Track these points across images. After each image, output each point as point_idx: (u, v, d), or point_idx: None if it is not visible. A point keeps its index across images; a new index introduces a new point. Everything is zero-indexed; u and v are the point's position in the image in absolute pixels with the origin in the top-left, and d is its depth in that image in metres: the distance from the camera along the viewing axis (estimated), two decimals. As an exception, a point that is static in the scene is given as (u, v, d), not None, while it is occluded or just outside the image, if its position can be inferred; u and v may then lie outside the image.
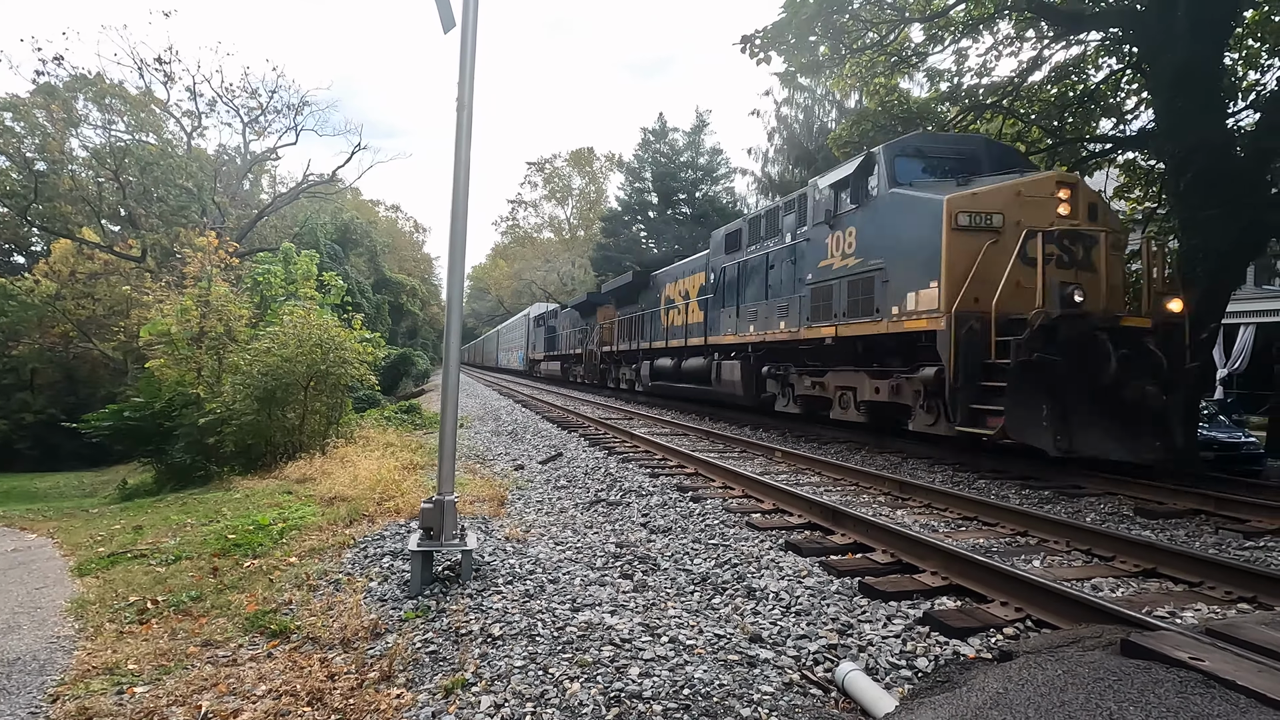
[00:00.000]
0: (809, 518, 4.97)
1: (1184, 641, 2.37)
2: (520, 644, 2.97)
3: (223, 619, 3.68)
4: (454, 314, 4.17)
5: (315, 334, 10.02)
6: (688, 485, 6.40)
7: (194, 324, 12.07)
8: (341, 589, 3.87)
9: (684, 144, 43.30)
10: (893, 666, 2.72)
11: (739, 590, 3.64)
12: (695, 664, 2.75)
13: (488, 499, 6.01)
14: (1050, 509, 5.45)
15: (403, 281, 49.30)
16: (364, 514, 5.62)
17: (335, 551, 4.65)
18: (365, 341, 11.48)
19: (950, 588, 3.52)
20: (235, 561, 4.75)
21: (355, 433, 11.14)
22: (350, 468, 7.84)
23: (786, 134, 29.55)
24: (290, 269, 15.51)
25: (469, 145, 4.10)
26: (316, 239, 32.36)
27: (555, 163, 62.49)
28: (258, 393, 9.59)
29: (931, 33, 14.11)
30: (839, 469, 6.95)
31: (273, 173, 41.68)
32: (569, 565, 4.13)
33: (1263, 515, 4.99)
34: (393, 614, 3.45)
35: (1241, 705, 1.94)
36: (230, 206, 29.85)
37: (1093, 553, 4.19)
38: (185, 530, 6.11)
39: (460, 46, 4.10)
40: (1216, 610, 3.27)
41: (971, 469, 7.24)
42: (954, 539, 4.45)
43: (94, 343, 26.19)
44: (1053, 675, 2.20)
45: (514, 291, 65.70)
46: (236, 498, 7.43)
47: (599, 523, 5.29)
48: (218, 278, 13.26)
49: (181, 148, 29.76)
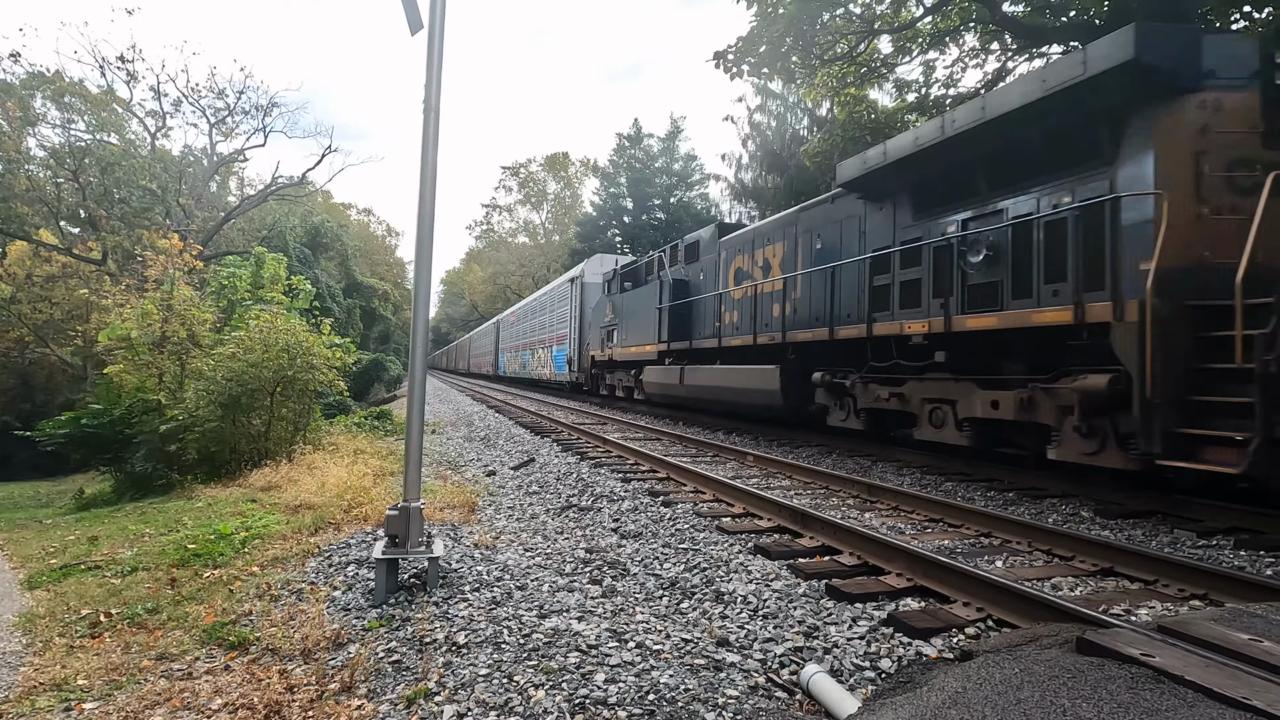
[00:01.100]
0: (778, 521, 5.00)
1: (1136, 639, 2.43)
2: (485, 652, 2.94)
3: (179, 631, 3.58)
4: (420, 318, 4.12)
5: (282, 339, 9.83)
6: (659, 490, 6.40)
7: (156, 328, 11.77)
8: (304, 599, 3.79)
9: (659, 150, 43.53)
10: (857, 668, 2.74)
11: (707, 594, 3.64)
12: (661, 669, 2.75)
13: (458, 505, 5.94)
14: (1014, 510, 5.56)
15: (375, 286, 48.65)
16: (330, 522, 5.51)
17: (299, 560, 4.56)
18: (335, 347, 11.30)
19: (915, 589, 3.56)
20: (194, 572, 4.63)
21: (323, 439, 10.93)
22: (317, 475, 7.70)
23: (760, 141, 29.83)
24: (258, 273, 15.23)
25: (436, 149, 4.07)
26: (285, 242, 31.78)
27: (530, 167, 62.35)
28: (222, 399, 9.37)
29: (900, 44, 14.42)
30: (810, 472, 7.01)
31: (240, 175, 40.99)
32: (538, 571, 4.10)
33: (1215, 516, 5.14)
34: (356, 623, 3.39)
35: (1189, 700, 1.99)
36: (196, 209, 29.19)
37: (1053, 553, 4.28)
38: (143, 540, 5.93)
39: (428, 49, 4.06)
40: (1169, 607, 3.36)
41: (939, 472, 7.35)
42: (920, 541, 4.51)
43: (51, 348, 25.40)
44: (1010, 674, 2.24)
45: (488, 296, 65.27)
46: (198, 506, 7.24)
47: (569, 528, 5.26)
48: (181, 281, 12.96)
49: (145, 148, 29.07)
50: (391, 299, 50.16)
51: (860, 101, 15.75)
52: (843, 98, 15.38)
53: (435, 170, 4.06)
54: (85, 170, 24.94)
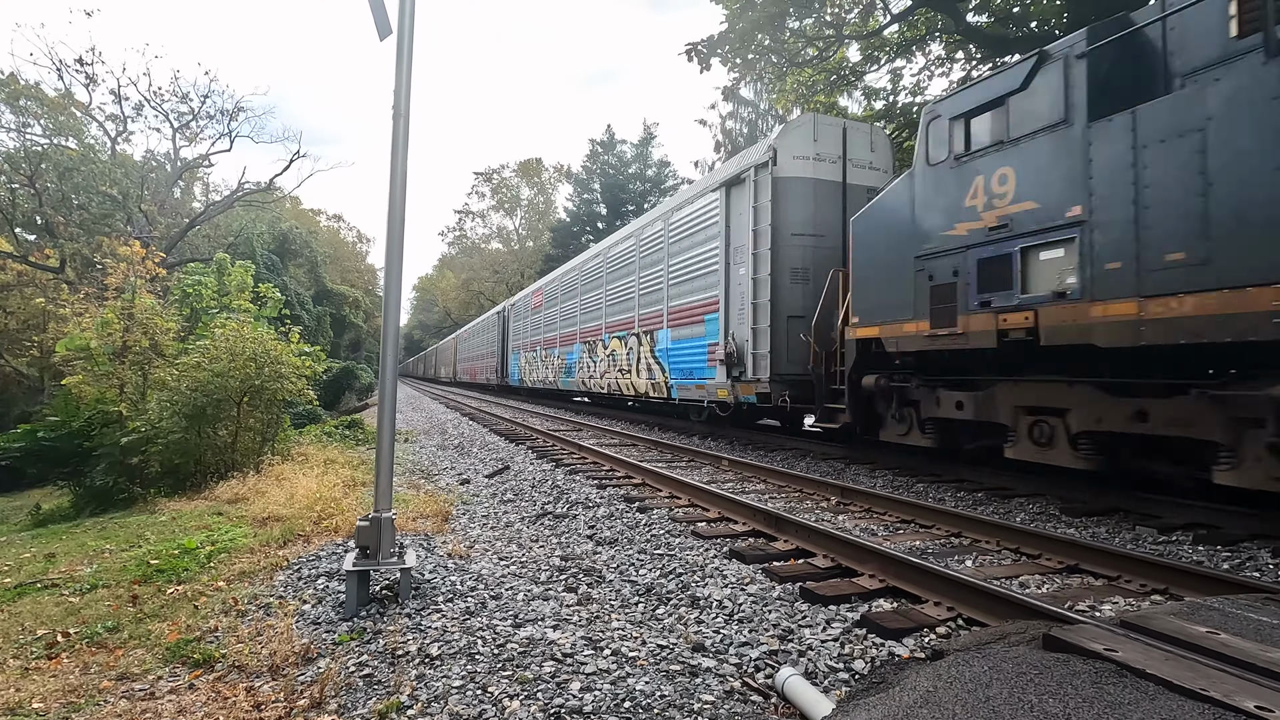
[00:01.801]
0: (753, 525, 5.02)
1: (1100, 634, 2.48)
2: (459, 663, 2.90)
3: (141, 650, 3.48)
4: (391, 325, 4.07)
5: (249, 347, 9.63)
6: (635, 496, 6.39)
7: (116, 338, 11.43)
8: (272, 613, 3.71)
9: (632, 156, 43.68)
10: (831, 670, 2.76)
11: (683, 600, 3.64)
12: (637, 676, 2.74)
13: (431, 515, 5.87)
14: (983, 510, 5.66)
15: (345, 293, 47.97)
16: (299, 534, 5.40)
17: (267, 574, 4.46)
18: (304, 355, 11.09)
19: (887, 590, 3.61)
20: (157, 588, 4.49)
21: (293, 450, 10.72)
22: (286, 486, 7.54)
23: (731, 147, 30.11)
24: (224, 280, 14.90)
25: (406, 155, 4.03)
26: (253, 249, 31.19)
27: (503, 173, 62.08)
28: (186, 410, 9.13)
29: (868, 53, 14.67)
30: (784, 476, 7.06)
31: (205, 180, 40.09)
32: (512, 580, 4.06)
33: (1175, 512, 5.29)
34: (326, 637, 3.32)
35: (1150, 692, 2.04)
36: (159, 215, 28.50)
37: (1021, 551, 4.36)
38: (103, 557, 5.75)
39: (397, 54, 4.03)
40: (1132, 603, 3.44)
41: (911, 473, 7.45)
42: (892, 542, 4.57)
43: (6, 359, 24.54)
44: (979, 671, 2.27)
45: (461, 302, 64.74)
46: (162, 521, 7.04)
47: (545, 536, 5.23)
48: (143, 289, 12.62)
49: (105, 153, 28.31)
50: (362, 306, 49.52)
51: (830, 108, 15.99)
52: (812, 104, 15.61)
53: (405, 176, 4.02)
54: (42, 175, 24.19)
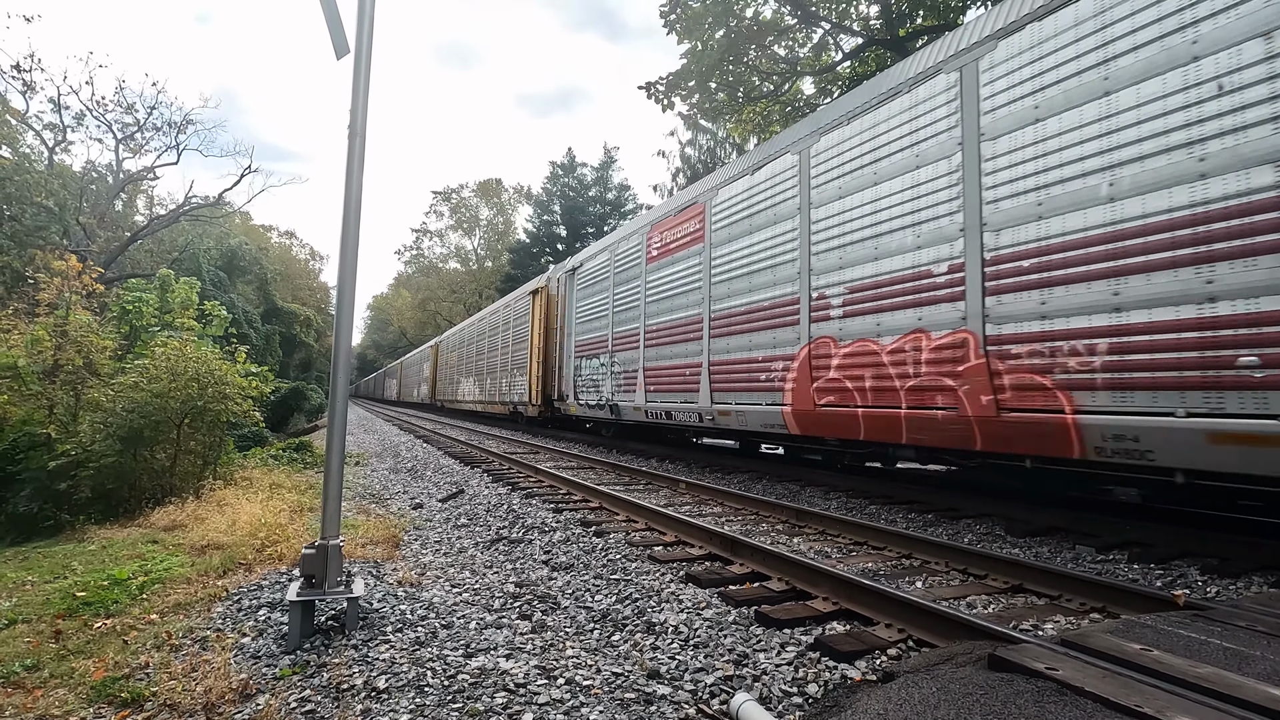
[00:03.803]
0: (709, 548, 5.03)
1: (1042, 653, 2.56)
2: (407, 696, 2.81)
3: (63, 690, 3.27)
4: (342, 345, 3.98)
5: (192, 367, 9.27)
6: (592, 520, 6.34)
7: (47, 356, 10.88)
8: (209, 647, 3.53)
9: (592, 179, 43.99)
10: (785, 694, 2.77)
11: (639, 625, 3.61)
12: (591, 705, 2.70)
13: (381, 541, 5.71)
14: (933, 531, 5.79)
15: (296, 311, 46.68)
16: (241, 563, 5.18)
17: (204, 606, 4.25)
18: (251, 375, 10.73)
19: (840, 612, 3.65)
20: (83, 623, 4.24)
21: (236, 474, 10.31)
22: (228, 512, 7.24)
23: (690, 174, 30.61)
24: (167, 297, 14.36)
25: (362, 174, 3.98)
26: (199, 265, 30.15)
27: (462, 193, 61.70)
28: (121, 432, 8.72)
29: (821, 85, 15.17)
30: (741, 499, 7.11)
31: (150, 194, 38.72)
32: (465, 608, 3.97)
33: (1113, 530, 5.50)
34: (267, 672, 3.18)
35: (1088, 710, 2.11)
36: (98, 228, 27.39)
37: (969, 572, 4.47)
38: (24, 590, 5.40)
39: (354, 73, 4.00)
40: (1072, 620, 3.56)
41: (864, 495, 7.58)
42: (845, 564, 4.64)
43: (-77, 377, 23.03)
44: (928, 693, 2.31)
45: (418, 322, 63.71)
46: (91, 550, 6.67)
47: (499, 562, 5.14)
48: (78, 305, 12.07)
49: (41, 163, 27.14)
50: (314, 325, 48.21)
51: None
52: (768, 135, 16.03)
53: (360, 197, 3.97)
54: (-30, 184, 23.05)
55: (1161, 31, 4.58)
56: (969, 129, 5.85)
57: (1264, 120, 4.07)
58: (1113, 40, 4.85)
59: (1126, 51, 4.76)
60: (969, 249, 5.78)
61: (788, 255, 7.97)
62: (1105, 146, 4.86)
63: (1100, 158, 4.88)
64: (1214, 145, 4.28)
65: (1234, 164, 4.19)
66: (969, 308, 5.76)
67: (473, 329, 26.87)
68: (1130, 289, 4.66)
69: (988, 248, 5.63)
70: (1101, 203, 4.85)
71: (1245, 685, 2.22)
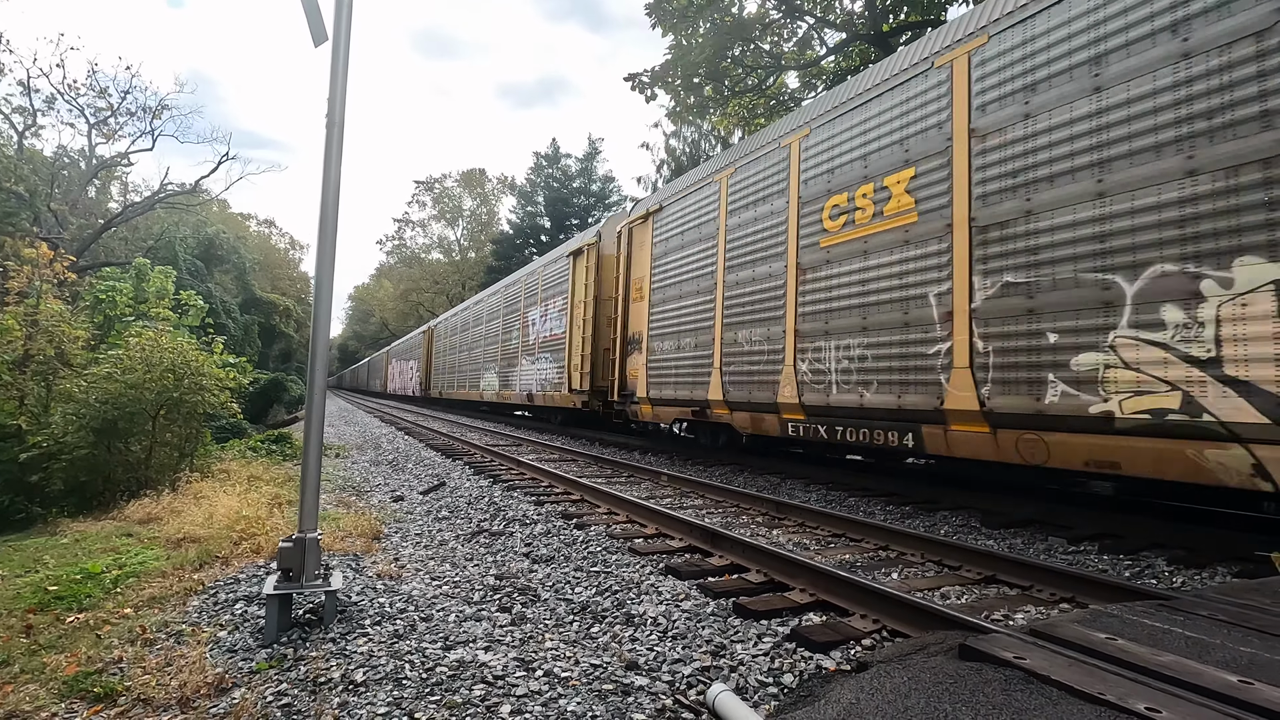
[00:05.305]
0: (690, 541, 5.06)
1: (1011, 642, 2.61)
2: (385, 689, 2.81)
3: (34, 685, 3.22)
4: (320, 336, 3.94)
5: (167, 358, 9.13)
6: (573, 512, 6.35)
7: (18, 346, 10.66)
8: (184, 641, 3.50)
9: (577, 170, 43.76)
10: (761, 685, 2.81)
11: (618, 617, 3.63)
12: (569, 697, 2.72)
13: (360, 534, 5.68)
14: (910, 523, 5.88)
15: (275, 301, 46.05)
16: (218, 556, 5.13)
17: (180, 599, 4.21)
18: (229, 366, 10.59)
19: (817, 603, 3.70)
20: (55, 617, 4.18)
21: (213, 466, 10.19)
22: (205, 505, 7.15)
23: (675, 166, 30.58)
24: (142, 286, 14.11)
25: (340, 164, 3.93)
26: (175, 254, 29.64)
27: (445, 183, 61.15)
28: (95, 423, 8.58)
29: (806, 80, 15.20)
30: (722, 491, 7.15)
31: (124, 180, 37.99)
32: (444, 601, 3.97)
33: (1085, 522, 5.62)
34: (243, 666, 3.16)
35: (1054, 698, 2.16)
36: (70, 215, 26.80)
37: (943, 563, 4.55)
38: (-6, 583, 5.31)
39: (331, 61, 3.94)
40: (1042, 611, 3.64)
41: (843, 487, 7.67)
42: (823, 556, 4.69)
43: (-112, 367, 22.46)
44: (900, 682, 2.36)
45: (400, 313, 63.17)
46: (63, 543, 6.56)
47: (480, 554, 5.13)
48: (49, 294, 11.83)
49: (11, 147, 26.48)
50: (294, 315, 47.62)
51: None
52: (753, 127, 16.03)
53: (338, 188, 3.93)
54: (-64, 169, 22.45)
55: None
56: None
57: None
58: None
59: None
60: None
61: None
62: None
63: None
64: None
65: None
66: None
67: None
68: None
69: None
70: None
71: (1205, 673, 2.28)
